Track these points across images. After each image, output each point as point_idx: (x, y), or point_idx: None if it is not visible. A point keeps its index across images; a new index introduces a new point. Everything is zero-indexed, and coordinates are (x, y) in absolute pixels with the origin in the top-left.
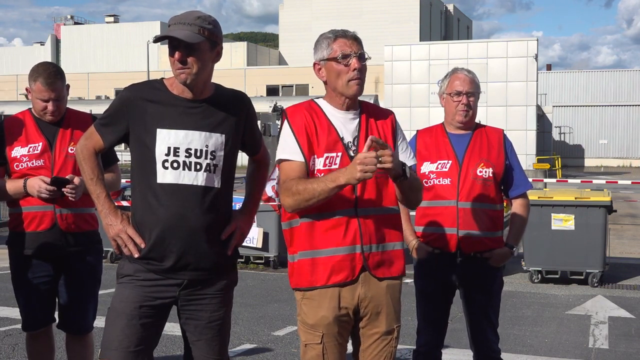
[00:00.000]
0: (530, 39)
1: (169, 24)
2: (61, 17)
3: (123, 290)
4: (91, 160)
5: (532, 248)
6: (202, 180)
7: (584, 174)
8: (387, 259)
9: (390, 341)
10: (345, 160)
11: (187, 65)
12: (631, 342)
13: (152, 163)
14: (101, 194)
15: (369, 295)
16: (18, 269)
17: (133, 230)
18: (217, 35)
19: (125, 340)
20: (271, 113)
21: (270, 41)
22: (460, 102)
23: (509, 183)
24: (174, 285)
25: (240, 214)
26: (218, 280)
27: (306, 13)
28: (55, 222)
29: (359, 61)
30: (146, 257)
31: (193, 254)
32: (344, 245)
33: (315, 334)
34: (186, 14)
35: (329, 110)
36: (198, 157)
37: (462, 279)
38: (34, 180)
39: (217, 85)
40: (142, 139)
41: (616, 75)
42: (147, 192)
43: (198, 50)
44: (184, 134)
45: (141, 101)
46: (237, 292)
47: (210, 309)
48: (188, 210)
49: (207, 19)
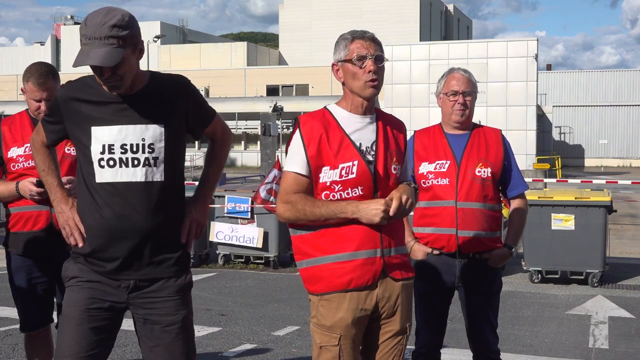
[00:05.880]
0: (530, 39)
1: (83, 37)
2: (62, 17)
3: (70, 293)
4: (41, 152)
5: (532, 248)
6: (141, 176)
7: (584, 174)
8: (403, 261)
9: (401, 340)
10: (362, 167)
11: (115, 79)
12: (631, 342)
13: (89, 162)
14: (53, 183)
15: (386, 295)
16: (15, 269)
17: (79, 218)
18: (136, 35)
19: (75, 346)
20: (271, 113)
21: (270, 41)
22: (456, 101)
23: (507, 183)
24: (122, 287)
25: (193, 204)
26: (171, 283)
27: (306, 13)
28: (50, 221)
29: (375, 63)
30: (90, 256)
31: (138, 254)
32: (364, 249)
33: (332, 336)
34: (97, 24)
35: (344, 116)
36: (135, 152)
37: (461, 279)
38: (24, 182)
39: (153, 73)
40: (78, 139)
41: (616, 75)
42: (89, 192)
43: (122, 62)
44: (117, 129)
45: (74, 101)
46: (237, 292)
47: (166, 312)
48: (130, 209)
49: (121, 23)
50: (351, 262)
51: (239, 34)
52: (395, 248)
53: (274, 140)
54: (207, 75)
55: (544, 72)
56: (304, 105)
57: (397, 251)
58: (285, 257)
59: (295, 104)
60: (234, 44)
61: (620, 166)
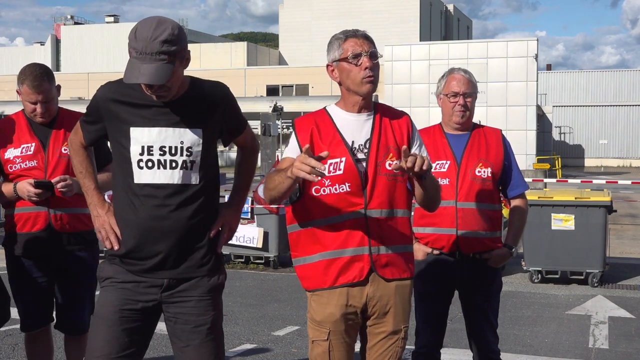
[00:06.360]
0: (530, 39)
1: (133, 49)
2: (62, 17)
3: (104, 294)
4: (79, 154)
5: (532, 248)
6: (178, 178)
7: (584, 174)
8: (397, 261)
9: (396, 341)
10: (349, 164)
11: (163, 90)
12: (631, 342)
13: (128, 163)
14: (90, 187)
15: (377, 294)
16: (14, 269)
17: (115, 221)
18: (184, 47)
19: (106, 347)
20: (271, 113)
21: (270, 41)
22: (457, 102)
23: (507, 183)
24: (155, 286)
25: (227, 208)
26: (203, 282)
27: (306, 13)
28: (49, 222)
29: (370, 60)
30: (126, 257)
31: (173, 253)
32: (351, 247)
33: (322, 331)
34: (148, 39)
35: (340, 115)
36: (173, 155)
37: (461, 279)
38: (22, 183)
39: (194, 78)
40: (117, 139)
41: (616, 75)
42: (126, 193)
43: (172, 76)
44: (157, 131)
45: (114, 102)
46: (237, 292)
47: (197, 312)
48: (166, 210)
49: (172, 38)
50: (338, 259)
51: (239, 34)
52: (387, 247)
53: (274, 140)
54: (207, 75)
55: (544, 72)
56: (304, 105)
57: (388, 250)
58: (285, 257)
59: (295, 104)
60: (234, 44)
61: (620, 166)
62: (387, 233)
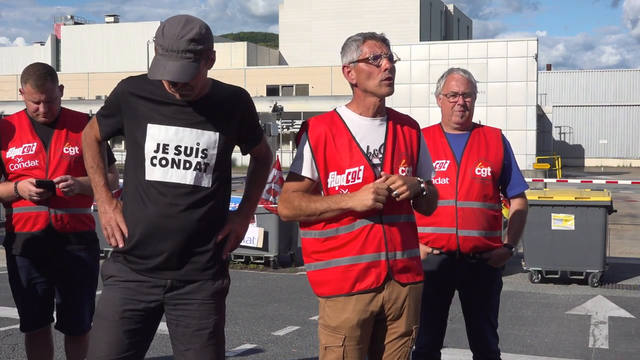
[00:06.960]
0: (530, 39)
1: (159, 46)
2: (62, 17)
3: (107, 292)
4: (92, 148)
5: (532, 248)
6: (190, 179)
7: (584, 174)
8: (411, 265)
9: (407, 341)
10: (368, 172)
11: (187, 88)
12: (631, 342)
13: (141, 159)
14: (99, 182)
15: (392, 297)
16: (15, 269)
17: (122, 218)
18: (210, 47)
19: (107, 349)
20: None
21: (270, 41)
22: (456, 102)
23: (507, 182)
24: (158, 287)
25: (236, 215)
26: (207, 286)
27: (306, 13)
28: (49, 222)
29: (389, 62)
30: (130, 254)
31: (178, 254)
32: (369, 253)
33: (337, 337)
34: (175, 36)
35: (354, 119)
36: (188, 155)
37: (461, 279)
38: (23, 183)
39: (215, 81)
40: (133, 134)
41: (616, 75)
42: (136, 188)
43: (196, 75)
44: (174, 130)
45: (134, 96)
46: (237, 292)
47: (199, 315)
48: (175, 209)
49: (198, 37)
50: (356, 265)
51: (239, 34)
52: (402, 252)
53: (273, 140)
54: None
55: (544, 72)
56: (303, 105)
57: (404, 255)
58: (285, 257)
59: (295, 104)
60: (234, 44)
61: (620, 166)
62: (402, 238)
